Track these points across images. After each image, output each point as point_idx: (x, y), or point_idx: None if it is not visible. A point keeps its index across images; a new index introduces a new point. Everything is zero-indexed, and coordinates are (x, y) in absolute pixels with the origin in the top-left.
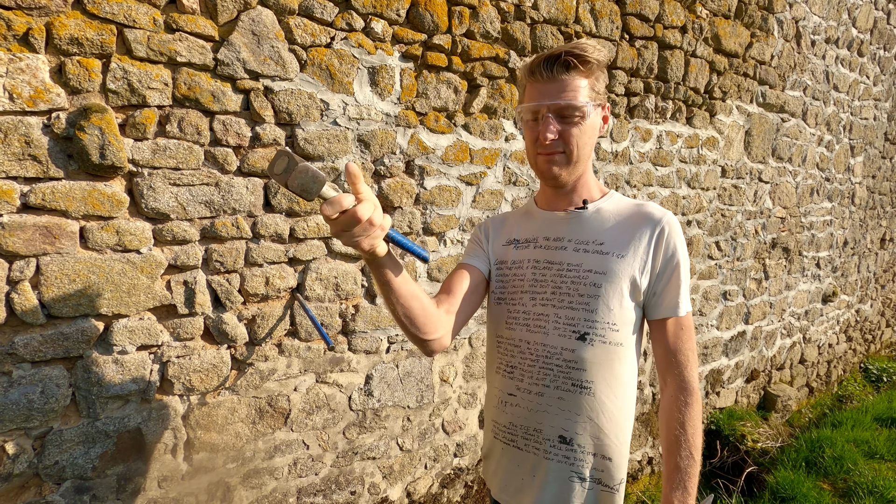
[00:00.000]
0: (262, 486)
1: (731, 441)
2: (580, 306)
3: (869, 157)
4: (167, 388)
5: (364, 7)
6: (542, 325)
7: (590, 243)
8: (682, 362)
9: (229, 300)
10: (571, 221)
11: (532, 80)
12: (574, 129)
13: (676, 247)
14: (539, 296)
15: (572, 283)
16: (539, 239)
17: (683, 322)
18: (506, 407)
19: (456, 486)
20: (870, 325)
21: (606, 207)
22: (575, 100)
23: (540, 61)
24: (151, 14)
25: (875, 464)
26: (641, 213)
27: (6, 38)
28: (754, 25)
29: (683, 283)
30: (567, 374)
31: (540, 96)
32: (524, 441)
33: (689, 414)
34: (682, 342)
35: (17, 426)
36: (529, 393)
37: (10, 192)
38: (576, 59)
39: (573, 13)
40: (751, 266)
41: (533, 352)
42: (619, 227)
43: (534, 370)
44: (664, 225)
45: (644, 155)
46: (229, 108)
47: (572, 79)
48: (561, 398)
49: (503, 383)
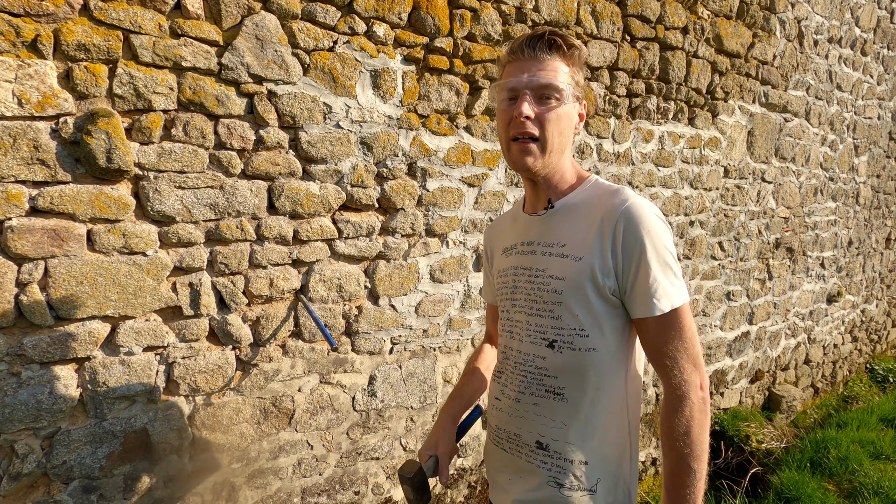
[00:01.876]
0: (267, 486)
1: (735, 442)
2: (546, 313)
3: (873, 157)
4: (173, 389)
5: (366, 11)
6: (518, 333)
7: (553, 246)
8: (668, 364)
9: (234, 302)
10: (542, 223)
11: (512, 59)
12: (551, 113)
13: (638, 237)
14: (517, 303)
15: (538, 290)
16: (518, 245)
17: (666, 320)
18: (495, 410)
19: (459, 486)
20: (875, 326)
21: (576, 202)
22: (555, 80)
23: (522, 40)
24: (157, 20)
25: (881, 464)
26: (603, 205)
27: (15, 44)
28: (756, 25)
29: (656, 278)
30: (540, 380)
31: (519, 73)
32: (508, 444)
33: (679, 420)
34: (665, 343)
35: (25, 426)
36: (510, 398)
37: (19, 196)
38: (560, 38)
39: (574, 15)
40: (754, 266)
41: (512, 358)
42: (581, 224)
43: (514, 376)
44: (621, 218)
45: (646, 156)
46: (233, 112)
47: (554, 59)
48: (536, 404)
49: (493, 387)
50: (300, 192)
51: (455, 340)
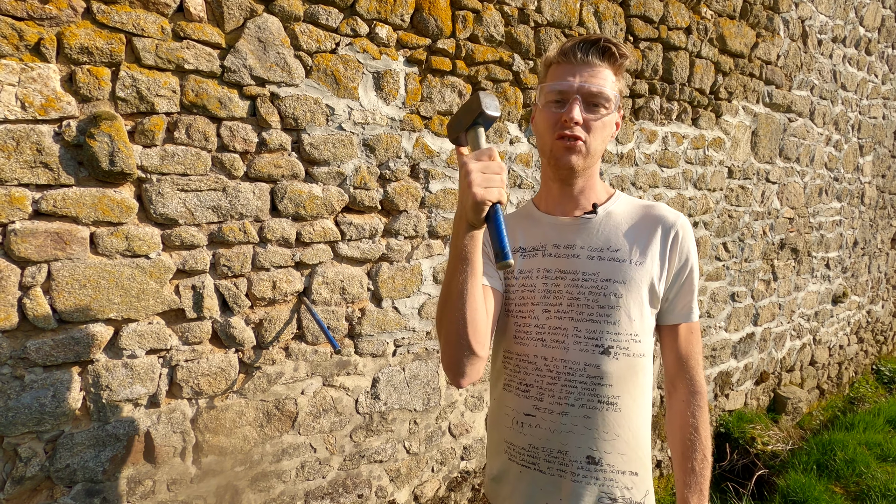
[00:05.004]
0: (270, 490)
1: (740, 444)
2: (601, 318)
3: (878, 157)
4: (176, 392)
5: (368, 13)
6: (561, 340)
7: (604, 250)
8: (693, 366)
9: (237, 304)
10: (582, 227)
11: (563, 61)
12: (599, 121)
13: (690, 251)
14: (553, 308)
15: (591, 294)
16: (548, 246)
17: (695, 327)
18: (523, 428)
19: (463, 489)
20: (881, 326)
21: (616, 210)
22: (605, 88)
23: (576, 43)
24: (159, 23)
25: (888, 466)
26: (654, 215)
27: (18, 48)
28: (760, 25)
29: (695, 288)
30: (592, 390)
31: (570, 76)
32: (547, 464)
33: (701, 417)
34: (693, 347)
35: (29, 430)
36: (551, 413)
37: (22, 200)
38: (614, 46)
39: (577, 16)
40: (759, 267)
41: (552, 368)
42: (633, 231)
43: (554, 388)
44: (678, 228)
45: (650, 156)
46: (236, 115)
47: (604, 68)
48: (587, 416)
49: (517, 403)
50: (303, 194)
51: None
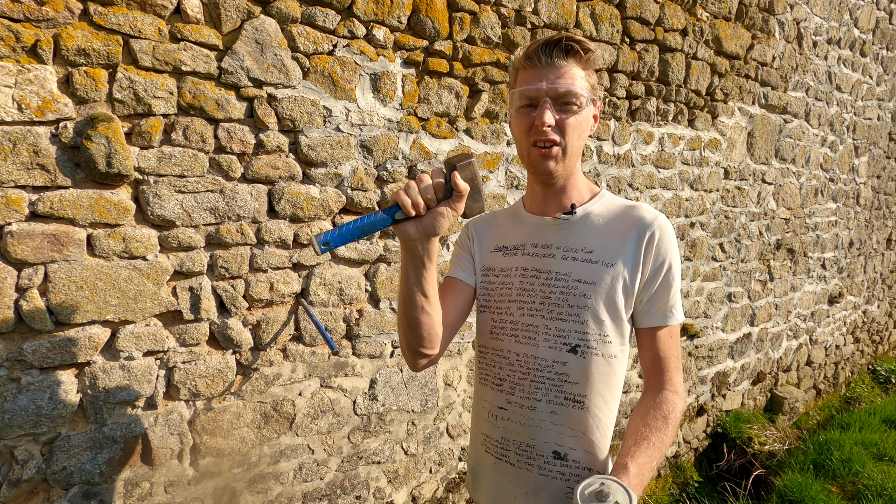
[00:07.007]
0: (268, 491)
1: (737, 444)
2: (570, 318)
3: (873, 157)
4: (173, 394)
5: (366, 14)
6: (532, 337)
7: (578, 251)
8: (671, 367)
9: (234, 306)
10: (560, 227)
11: (528, 66)
12: (571, 118)
13: (668, 252)
14: (527, 305)
15: (561, 294)
16: (527, 246)
17: (674, 330)
18: (497, 420)
19: (461, 489)
20: (877, 326)
21: (596, 211)
22: (574, 86)
23: (538, 45)
24: (156, 24)
25: (884, 466)
26: (631, 216)
27: (15, 49)
28: (755, 27)
29: (675, 290)
30: (559, 387)
31: (538, 80)
32: (517, 457)
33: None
34: (671, 349)
35: (25, 432)
36: (521, 407)
37: (18, 201)
38: (577, 44)
39: (573, 17)
40: (755, 268)
41: (523, 364)
42: (609, 232)
43: (525, 383)
44: (655, 229)
45: (646, 157)
46: (233, 116)
47: (571, 66)
48: (554, 412)
49: (493, 396)
50: (300, 195)
51: (456, 343)
